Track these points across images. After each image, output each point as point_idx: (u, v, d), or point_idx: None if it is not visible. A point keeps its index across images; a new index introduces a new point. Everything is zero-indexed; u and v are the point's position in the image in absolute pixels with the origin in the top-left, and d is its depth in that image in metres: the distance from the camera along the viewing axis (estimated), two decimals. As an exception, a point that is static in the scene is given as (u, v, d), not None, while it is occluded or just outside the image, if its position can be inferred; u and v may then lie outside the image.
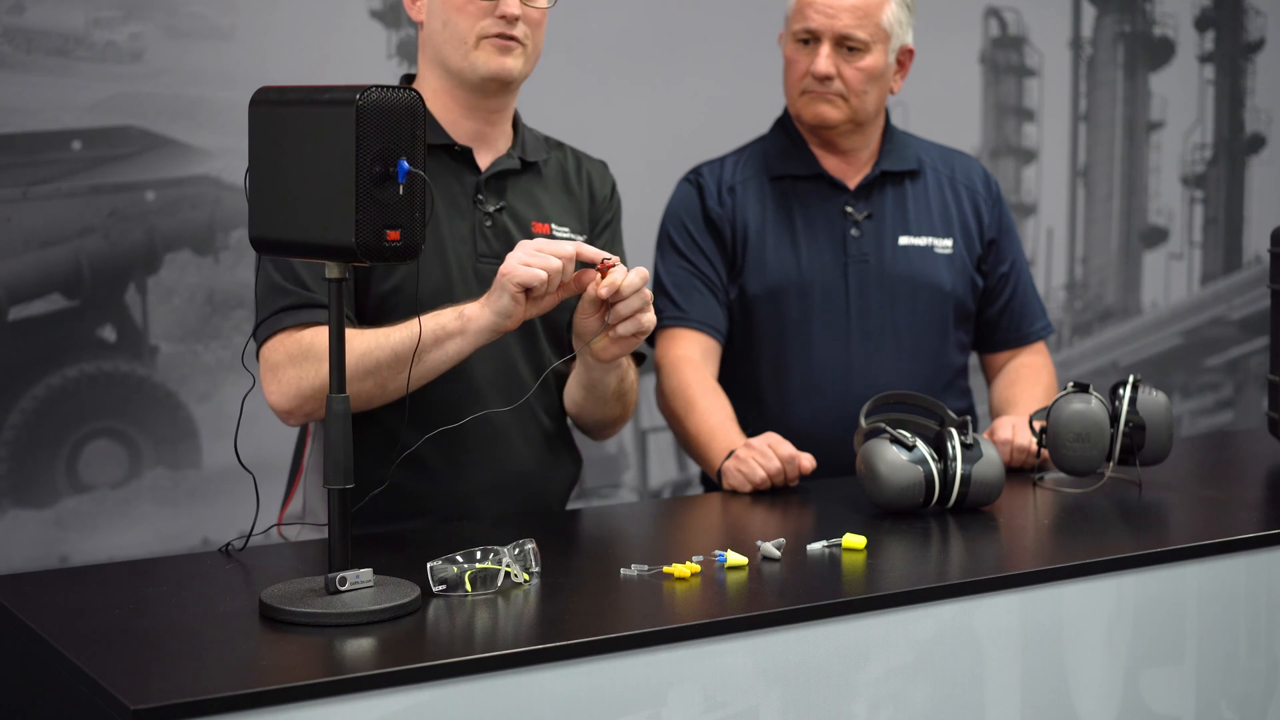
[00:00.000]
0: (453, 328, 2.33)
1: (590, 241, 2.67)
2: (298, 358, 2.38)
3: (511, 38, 2.49)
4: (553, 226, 2.61)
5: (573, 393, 2.62)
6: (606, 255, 2.26)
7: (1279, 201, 4.90)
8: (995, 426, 2.86)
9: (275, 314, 2.41)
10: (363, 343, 2.34)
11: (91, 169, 3.37)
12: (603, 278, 2.26)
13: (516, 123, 2.64)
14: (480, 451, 2.54)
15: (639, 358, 2.69)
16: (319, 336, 2.37)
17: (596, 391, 2.55)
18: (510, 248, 2.52)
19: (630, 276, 2.27)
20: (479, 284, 2.51)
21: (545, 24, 2.55)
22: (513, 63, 2.50)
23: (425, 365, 2.34)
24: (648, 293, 2.31)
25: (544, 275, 2.23)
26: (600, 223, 2.70)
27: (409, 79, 2.60)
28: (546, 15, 2.54)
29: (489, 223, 2.56)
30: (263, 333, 2.42)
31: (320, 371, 2.36)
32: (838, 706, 2.07)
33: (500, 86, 2.53)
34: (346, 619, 1.95)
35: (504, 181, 2.59)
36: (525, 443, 2.59)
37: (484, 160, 2.58)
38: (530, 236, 2.56)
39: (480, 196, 2.56)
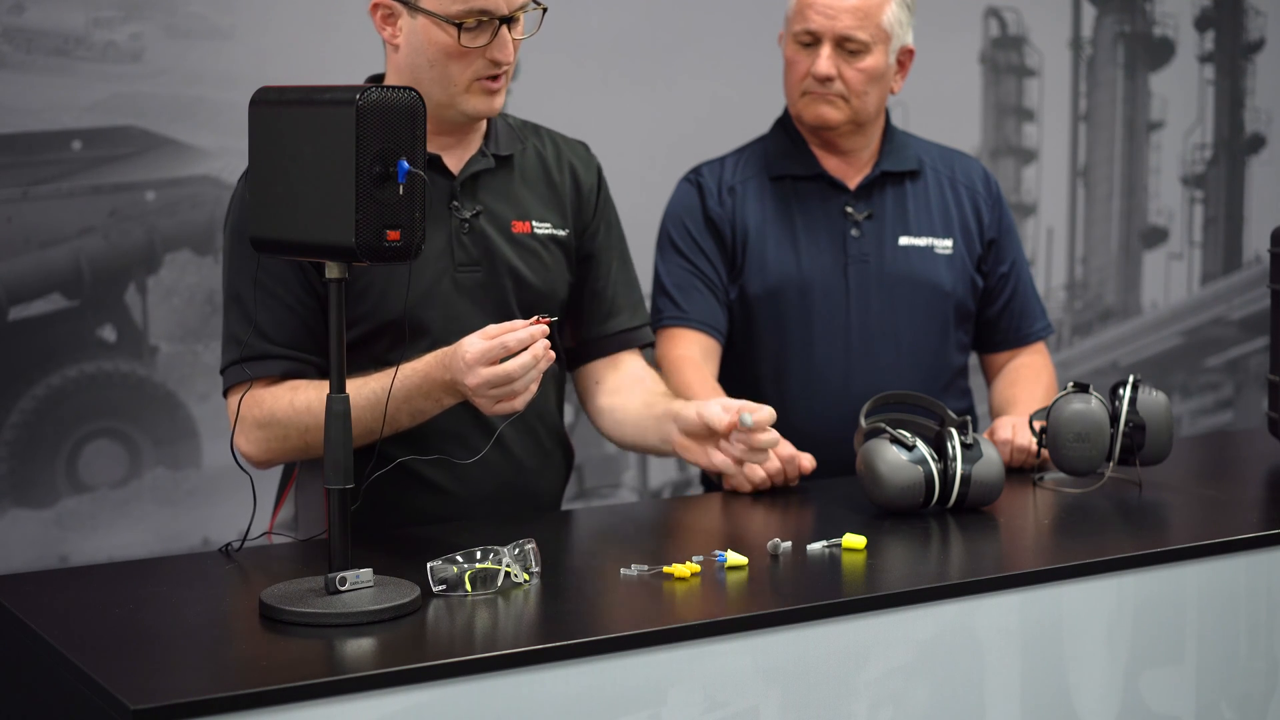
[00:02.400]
0: (430, 409, 2.36)
1: (581, 241, 2.64)
2: (263, 423, 2.40)
3: (499, 76, 2.44)
4: (533, 224, 2.56)
5: (626, 433, 2.67)
6: (535, 321, 2.26)
7: (1279, 201, 4.90)
8: (995, 426, 2.86)
9: (233, 365, 2.43)
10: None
11: (91, 169, 3.37)
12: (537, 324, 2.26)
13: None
14: (477, 466, 2.52)
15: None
16: (279, 401, 2.39)
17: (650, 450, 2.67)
18: (489, 252, 2.51)
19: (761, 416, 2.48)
20: (458, 293, 2.49)
21: None
22: (500, 100, 2.46)
23: (398, 428, 2.38)
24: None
25: (511, 410, 2.28)
26: (593, 216, 2.65)
27: (376, 79, 2.53)
28: None
29: (466, 229, 2.50)
30: (225, 381, 2.46)
31: (286, 440, 2.40)
32: (838, 706, 2.07)
33: (483, 120, 2.51)
34: (346, 619, 1.95)
35: (478, 182, 2.53)
36: (520, 449, 2.58)
37: (455, 163, 2.52)
38: (510, 238, 2.53)
39: (455, 203, 2.50)
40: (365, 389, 2.33)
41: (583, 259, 2.64)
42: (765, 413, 2.49)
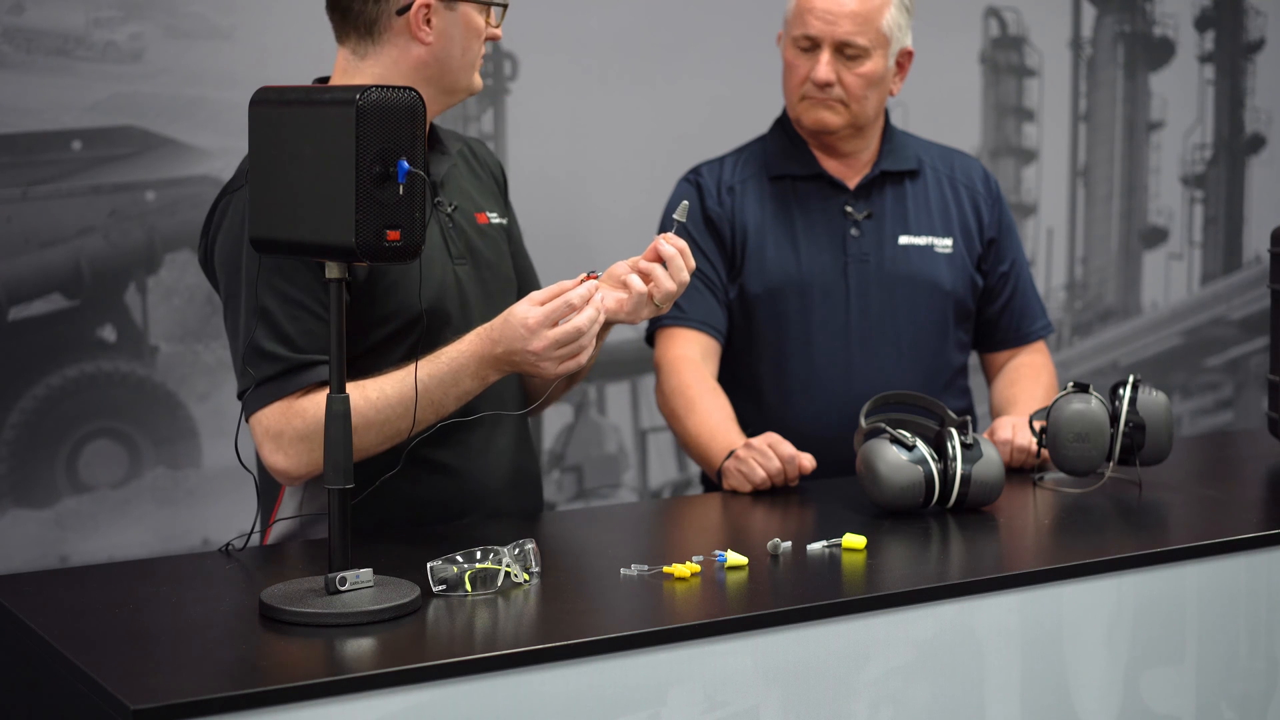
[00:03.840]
0: (475, 389, 2.37)
1: (509, 226, 2.71)
2: (305, 435, 2.32)
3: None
4: (489, 215, 2.62)
5: None
6: (585, 278, 2.32)
7: (1279, 201, 4.90)
8: (995, 426, 2.86)
9: (266, 383, 2.34)
10: (388, 404, 2.36)
11: (91, 169, 3.37)
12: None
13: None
14: (488, 452, 2.54)
15: None
16: (322, 409, 2.30)
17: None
18: (470, 245, 2.56)
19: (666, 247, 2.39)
20: (458, 287, 2.51)
21: None
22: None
23: (442, 414, 2.39)
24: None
25: (577, 366, 2.30)
26: (506, 207, 2.72)
27: (322, 80, 2.53)
28: None
29: (450, 224, 2.55)
30: (255, 402, 2.36)
31: None
32: (838, 706, 2.07)
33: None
34: (346, 619, 1.95)
35: (446, 179, 2.58)
36: (515, 441, 2.60)
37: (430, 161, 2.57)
38: (478, 230, 2.58)
39: (439, 199, 2.55)
40: (410, 379, 2.33)
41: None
42: (681, 207, 2.46)
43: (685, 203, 2.45)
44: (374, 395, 2.33)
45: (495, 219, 2.64)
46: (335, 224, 1.94)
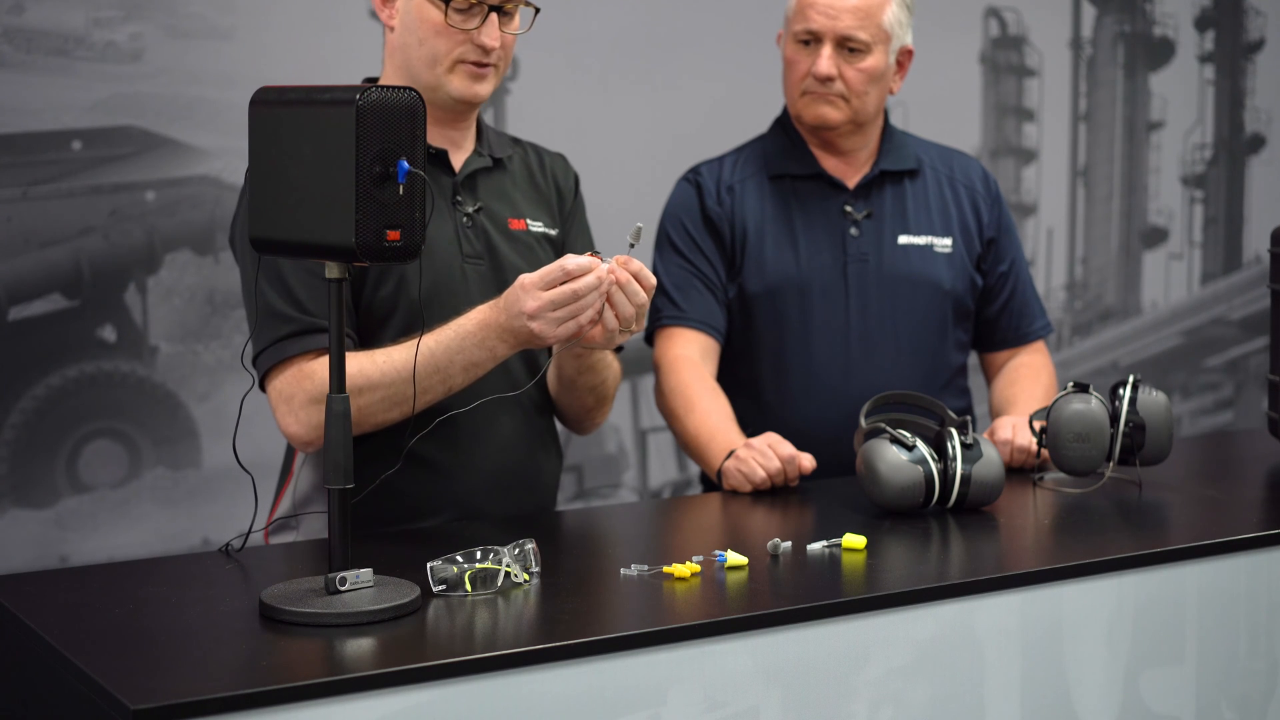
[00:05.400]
0: (483, 360, 2.37)
1: (561, 236, 2.70)
2: (315, 398, 2.38)
3: (486, 64, 2.51)
4: (528, 222, 2.64)
5: (551, 383, 2.67)
6: (590, 257, 2.30)
7: (1279, 201, 4.90)
8: (995, 426, 2.86)
9: (277, 342, 2.41)
10: (394, 368, 2.37)
11: (91, 169, 3.37)
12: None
13: (478, 121, 2.66)
14: (477, 448, 2.55)
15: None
16: None
17: (574, 384, 2.60)
18: (490, 247, 2.58)
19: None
20: (465, 285, 2.53)
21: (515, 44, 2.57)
22: (484, 89, 2.53)
23: (451, 386, 2.40)
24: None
25: (578, 329, 2.28)
26: (569, 219, 2.73)
27: (371, 81, 2.58)
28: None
29: (469, 223, 2.57)
30: (266, 361, 2.43)
31: None
32: (838, 706, 2.07)
33: (468, 108, 2.56)
34: (346, 619, 1.95)
35: (477, 181, 2.61)
36: (519, 438, 2.60)
37: (455, 161, 2.60)
38: (508, 234, 2.60)
39: (459, 198, 2.57)
40: (420, 345, 2.35)
41: None
42: (635, 227, 2.43)
43: (638, 225, 2.40)
44: (380, 358, 2.39)
45: (538, 227, 2.65)
46: (335, 224, 1.94)
